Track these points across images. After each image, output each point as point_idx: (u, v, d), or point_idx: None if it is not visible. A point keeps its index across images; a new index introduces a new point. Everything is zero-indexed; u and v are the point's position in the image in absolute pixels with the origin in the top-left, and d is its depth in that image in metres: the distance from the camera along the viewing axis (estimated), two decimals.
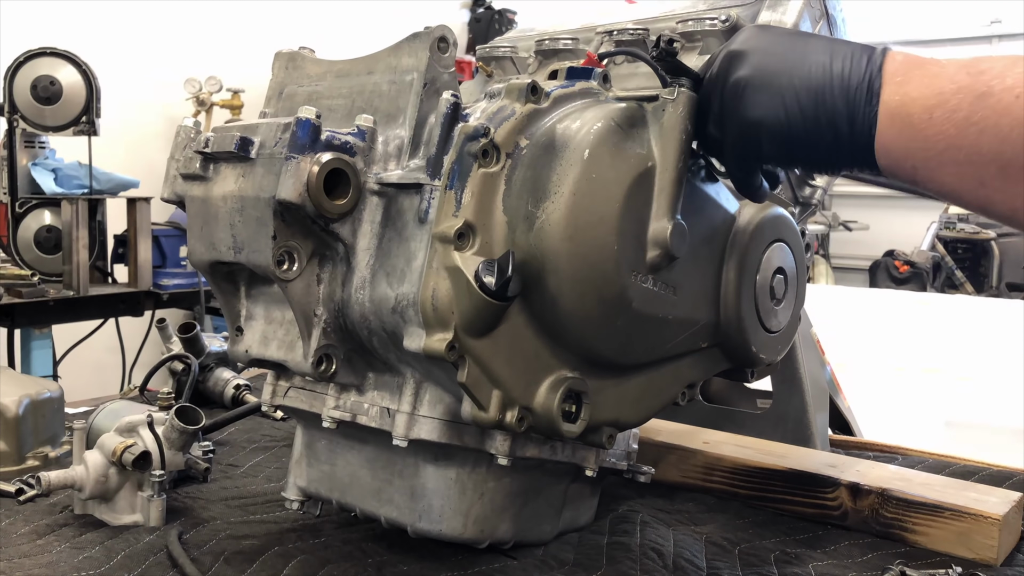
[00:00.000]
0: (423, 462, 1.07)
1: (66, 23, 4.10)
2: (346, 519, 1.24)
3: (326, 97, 1.10)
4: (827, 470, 1.32)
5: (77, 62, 3.26)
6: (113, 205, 3.39)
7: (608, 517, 1.27)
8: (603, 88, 1.06)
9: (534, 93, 0.97)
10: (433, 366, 0.97)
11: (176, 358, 1.75)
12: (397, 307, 0.96)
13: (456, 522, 1.07)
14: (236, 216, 1.01)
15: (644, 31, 1.41)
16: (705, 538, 1.23)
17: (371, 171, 1.00)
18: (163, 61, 4.52)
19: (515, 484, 1.11)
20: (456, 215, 0.91)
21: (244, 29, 4.77)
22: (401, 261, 0.97)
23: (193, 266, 1.10)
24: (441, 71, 1.00)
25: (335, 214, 0.98)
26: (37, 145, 3.33)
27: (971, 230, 7.56)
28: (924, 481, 1.30)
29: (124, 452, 1.20)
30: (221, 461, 1.49)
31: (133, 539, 1.17)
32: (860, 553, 1.20)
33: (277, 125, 0.98)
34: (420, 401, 1.02)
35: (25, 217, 3.25)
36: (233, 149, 0.99)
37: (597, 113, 0.98)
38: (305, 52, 1.17)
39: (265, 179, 0.97)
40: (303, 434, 1.19)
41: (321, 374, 1.03)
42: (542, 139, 0.96)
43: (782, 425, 1.51)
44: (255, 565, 1.09)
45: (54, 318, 3.17)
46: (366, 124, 1.00)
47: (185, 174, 1.07)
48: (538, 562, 1.13)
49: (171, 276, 3.66)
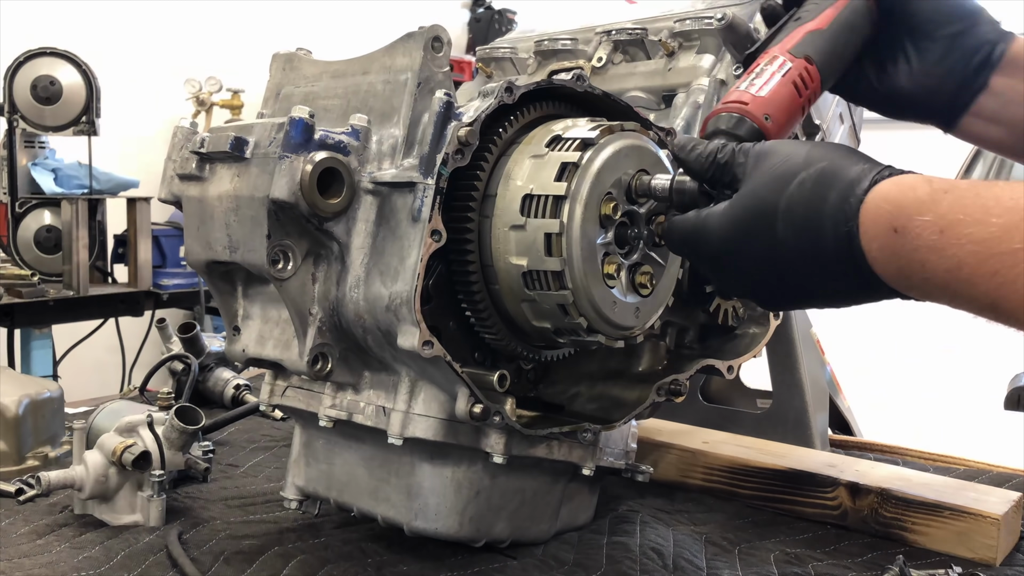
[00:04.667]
0: (419, 460, 1.07)
1: (66, 23, 4.09)
2: (345, 519, 1.24)
3: (322, 97, 1.10)
4: (827, 470, 1.32)
5: (77, 62, 3.26)
6: (113, 205, 3.39)
7: (608, 517, 1.27)
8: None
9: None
10: (427, 364, 0.97)
11: (176, 358, 1.75)
12: (391, 305, 0.96)
13: (452, 521, 1.08)
14: (231, 216, 1.01)
15: (643, 31, 1.41)
16: (705, 538, 1.23)
17: (365, 170, 1.00)
18: (163, 61, 4.52)
19: (511, 483, 1.11)
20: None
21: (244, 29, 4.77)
22: (395, 260, 0.97)
23: (190, 266, 1.11)
24: (435, 70, 1.00)
25: (329, 213, 0.98)
26: (37, 145, 3.32)
27: None
28: (924, 481, 1.30)
29: (124, 452, 1.20)
30: (221, 461, 1.49)
31: (133, 539, 1.17)
32: (860, 553, 1.20)
33: (272, 125, 0.98)
34: (415, 399, 1.02)
35: (25, 217, 3.24)
36: (228, 149, 0.99)
37: None
38: (302, 53, 1.17)
39: (259, 179, 0.97)
40: (301, 433, 1.19)
41: (317, 373, 1.03)
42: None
43: (782, 425, 1.51)
44: (255, 565, 1.09)
45: (54, 318, 3.16)
46: (360, 123, 1.00)
47: (182, 174, 1.07)
48: (538, 562, 1.13)
49: (171, 276, 3.66)
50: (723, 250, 0.85)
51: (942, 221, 0.72)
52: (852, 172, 0.78)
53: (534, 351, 1.12)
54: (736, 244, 0.84)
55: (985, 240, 0.70)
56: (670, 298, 1.09)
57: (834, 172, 0.79)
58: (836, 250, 0.78)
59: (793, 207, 0.79)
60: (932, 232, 0.73)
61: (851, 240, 0.77)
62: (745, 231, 0.83)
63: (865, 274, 0.77)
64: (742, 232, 0.83)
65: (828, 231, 0.78)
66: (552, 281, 0.98)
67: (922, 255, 0.73)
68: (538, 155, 1.00)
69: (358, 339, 1.02)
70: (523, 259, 0.98)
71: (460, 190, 1.01)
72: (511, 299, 1.02)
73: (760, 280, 0.85)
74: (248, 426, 1.70)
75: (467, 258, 1.02)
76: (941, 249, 0.72)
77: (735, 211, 0.83)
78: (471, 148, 0.97)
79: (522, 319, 1.04)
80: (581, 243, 0.96)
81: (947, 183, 0.74)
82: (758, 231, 0.82)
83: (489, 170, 1.02)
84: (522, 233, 0.98)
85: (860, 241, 0.76)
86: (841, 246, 0.77)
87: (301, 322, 1.02)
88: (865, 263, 0.77)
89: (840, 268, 0.79)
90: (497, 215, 1.00)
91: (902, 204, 0.75)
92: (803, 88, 0.98)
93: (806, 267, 0.81)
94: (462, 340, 1.07)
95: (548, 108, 1.09)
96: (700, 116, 1.28)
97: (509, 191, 1.00)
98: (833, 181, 0.78)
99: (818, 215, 0.78)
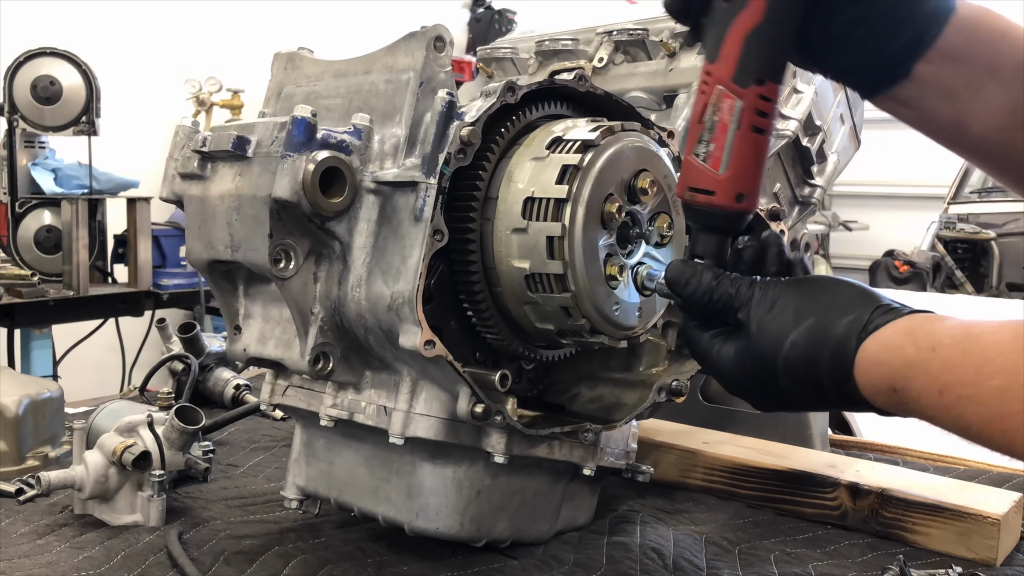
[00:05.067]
0: (420, 460, 1.07)
1: (66, 23, 4.09)
2: (346, 519, 1.24)
3: (324, 97, 1.10)
4: (827, 470, 1.32)
5: (77, 62, 3.26)
6: (113, 205, 3.39)
7: (608, 517, 1.27)
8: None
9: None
10: (429, 364, 0.97)
11: (176, 358, 1.75)
12: (393, 305, 0.96)
13: (452, 520, 1.08)
14: (233, 215, 1.01)
15: (644, 31, 1.42)
16: (705, 538, 1.23)
17: (367, 169, 1.00)
18: (163, 61, 4.52)
19: (512, 483, 1.11)
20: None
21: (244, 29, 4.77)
22: (396, 259, 0.97)
23: (191, 265, 1.11)
24: (437, 70, 1.00)
25: (331, 212, 0.98)
26: (37, 145, 3.32)
27: (971, 230, 7.55)
28: (924, 481, 1.30)
29: (124, 452, 1.20)
30: (221, 461, 1.49)
31: (133, 539, 1.17)
32: (860, 553, 1.20)
33: (274, 124, 0.98)
34: (416, 399, 1.02)
35: (25, 217, 3.24)
36: (230, 148, 0.99)
37: None
38: (304, 52, 1.17)
39: (261, 178, 0.97)
40: (302, 433, 1.19)
41: (318, 372, 1.03)
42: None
43: (782, 425, 1.51)
44: (255, 565, 1.09)
45: (54, 318, 3.17)
46: (362, 123, 1.00)
47: (183, 173, 1.07)
48: (538, 562, 1.13)
49: (171, 276, 3.66)
50: (732, 384, 0.91)
51: (937, 383, 0.74)
52: (839, 331, 0.80)
53: (535, 351, 1.12)
54: (746, 390, 0.90)
55: (986, 403, 0.72)
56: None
57: (822, 331, 0.81)
58: (840, 398, 0.82)
59: (791, 368, 0.83)
60: (931, 393, 0.75)
61: (853, 394, 0.80)
62: (751, 381, 0.88)
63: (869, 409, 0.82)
64: (749, 382, 0.88)
65: (829, 387, 0.81)
66: (554, 284, 0.98)
67: (929, 412, 0.76)
68: (539, 157, 1.00)
69: (359, 338, 1.02)
70: (525, 262, 0.98)
71: (462, 191, 1.01)
72: (513, 301, 1.02)
73: (766, 404, 0.92)
74: (248, 426, 1.70)
75: (469, 259, 1.02)
76: (946, 409, 0.74)
77: (741, 362, 0.87)
78: (473, 148, 0.97)
79: (525, 321, 1.04)
80: (583, 246, 0.96)
81: (931, 339, 0.75)
82: (763, 384, 0.86)
83: (491, 171, 1.02)
84: (524, 236, 0.98)
85: (863, 395, 0.80)
86: (844, 396, 0.81)
87: (302, 321, 1.02)
88: (870, 406, 0.81)
89: (846, 407, 0.85)
90: (499, 218, 1.00)
91: (893, 367, 0.77)
92: (765, 123, 0.85)
93: (813, 407, 0.90)
94: (463, 340, 1.07)
95: (550, 108, 1.09)
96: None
97: (510, 194, 1.00)
98: (823, 341, 0.81)
99: (816, 375, 0.82)
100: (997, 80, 0.87)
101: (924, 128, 0.95)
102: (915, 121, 0.94)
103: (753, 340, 0.85)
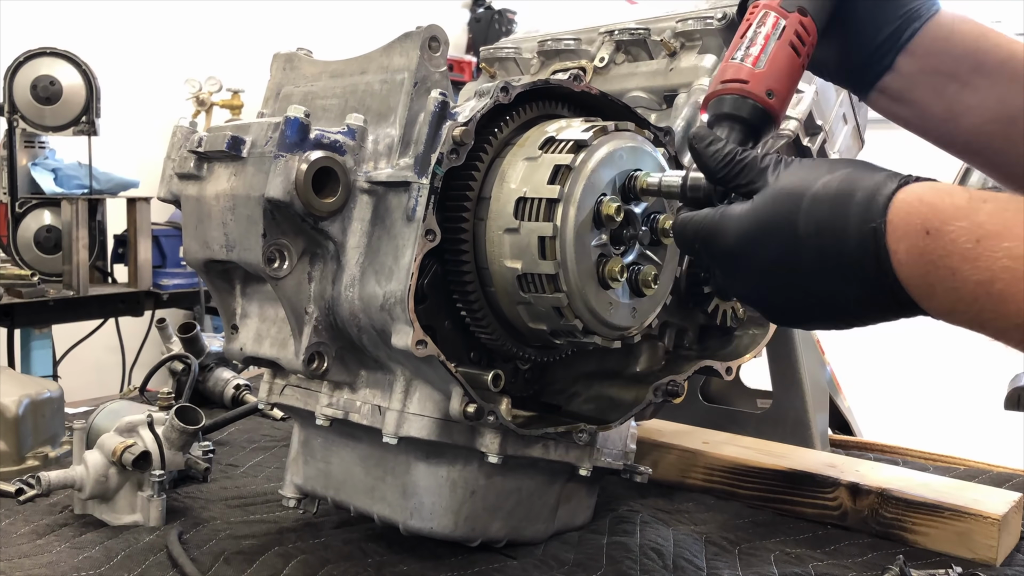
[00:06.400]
0: (414, 460, 1.07)
1: (66, 23, 4.09)
2: (345, 518, 1.24)
3: (320, 97, 1.10)
4: (827, 470, 1.32)
5: (77, 62, 3.25)
6: (113, 205, 3.39)
7: (608, 517, 1.27)
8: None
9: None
10: (422, 363, 0.97)
11: (176, 358, 1.75)
12: (385, 304, 0.96)
13: (447, 520, 1.08)
14: (228, 215, 1.01)
15: (645, 31, 1.41)
16: (705, 538, 1.23)
17: (361, 169, 1.00)
18: (163, 61, 4.52)
19: (507, 483, 1.11)
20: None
21: (244, 29, 4.77)
22: (389, 259, 0.97)
23: (188, 264, 1.11)
24: (432, 70, 1.00)
25: (324, 212, 0.98)
26: (37, 145, 3.32)
27: None
28: (924, 481, 1.30)
29: (124, 452, 1.20)
30: (221, 461, 1.49)
31: (133, 539, 1.17)
32: (860, 553, 1.20)
33: (268, 124, 0.98)
34: (410, 399, 1.02)
35: (25, 217, 3.24)
36: (225, 148, 1.00)
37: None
38: (302, 53, 1.17)
39: (255, 178, 0.97)
40: (300, 432, 1.19)
41: (312, 371, 1.03)
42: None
43: (782, 425, 1.51)
44: (255, 565, 1.09)
45: (54, 318, 3.16)
46: (356, 123, 1.00)
47: (180, 173, 1.08)
48: (538, 562, 1.13)
49: (171, 276, 3.66)
50: (739, 248, 0.81)
51: (979, 230, 0.69)
52: (879, 175, 0.76)
53: (531, 351, 1.12)
54: (754, 242, 0.80)
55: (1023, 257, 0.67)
56: (668, 297, 1.08)
57: (861, 174, 0.76)
58: (859, 248, 0.74)
59: (818, 203, 0.76)
60: (968, 240, 0.69)
61: (877, 238, 0.73)
62: (765, 228, 0.79)
63: (885, 279, 0.74)
64: (761, 229, 0.80)
65: (852, 228, 0.74)
66: (547, 284, 0.97)
67: (954, 262, 0.70)
68: (532, 157, 1.00)
69: (353, 338, 1.02)
70: (517, 262, 0.98)
71: (455, 191, 1.01)
72: (507, 301, 1.02)
73: (774, 284, 0.82)
74: (248, 426, 1.70)
75: (462, 259, 1.01)
76: (975, 259, 0.69)
77: (756, 209, 0.80)
78: (466, 148, 0.97)
79: (518, 321, 1.04)
80: (575, 246, 0.96)
81: (986, 193, 0.72)
82: (778, 228, 0.78)
83: (484, 171, 1.02)
84: (516, 236, 0.98)
85: (887, 240, 0.73)
86: (865, 244, 0.74)
87: (297, 321, 1.02)
88: (889, 265, 0.73)
89: (860, 271, 0.75)
90: (491, 218, 1.00)
91: (938, 207, 0.71)
92: (801, 47, 0.92)
93: (824, 269, 0.77)
94: (457, 339, 1.07)
95: (546, 108, 1.09)
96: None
97: (503, 193, 1.00)
98: (860, 181, 0.76)
99: (843, 210, 0.75)
100: (982, 73, 0.91)
101: (919, 126, 0.96)
102: (910, 119, 0.96)
103: (780, 185, 0.79)
